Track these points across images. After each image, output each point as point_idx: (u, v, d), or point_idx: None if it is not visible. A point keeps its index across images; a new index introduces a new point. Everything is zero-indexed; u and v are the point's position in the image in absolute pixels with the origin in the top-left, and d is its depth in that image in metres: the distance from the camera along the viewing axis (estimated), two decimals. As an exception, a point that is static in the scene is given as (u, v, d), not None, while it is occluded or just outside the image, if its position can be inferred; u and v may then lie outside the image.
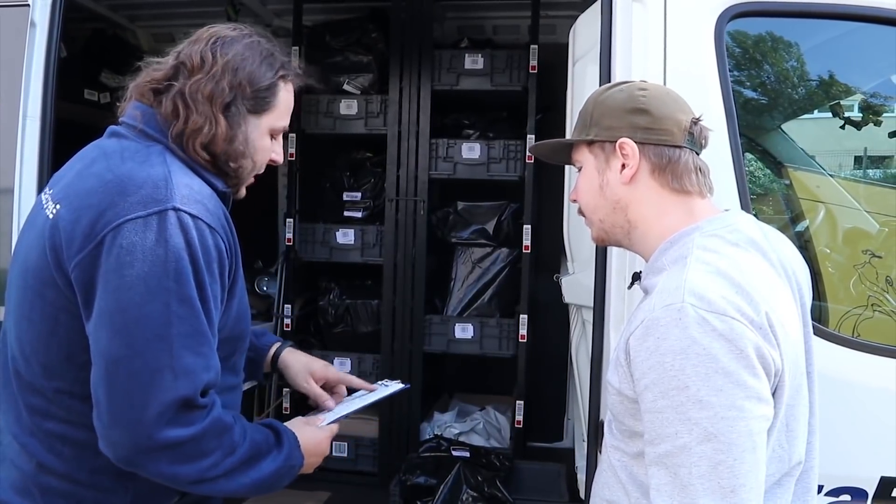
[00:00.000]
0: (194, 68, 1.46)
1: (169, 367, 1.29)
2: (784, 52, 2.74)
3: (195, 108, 1.44)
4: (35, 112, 2.32)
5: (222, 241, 1.41)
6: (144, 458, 1.31)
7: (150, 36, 4.62)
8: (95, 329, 1.32)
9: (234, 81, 1.46)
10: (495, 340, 3.72)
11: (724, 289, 1.24)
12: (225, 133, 1.46)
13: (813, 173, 2.94)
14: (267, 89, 1.51)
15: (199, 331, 1.34)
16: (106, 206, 1.34)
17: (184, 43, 1.54)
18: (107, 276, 1.31)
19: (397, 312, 3.75)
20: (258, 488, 1.47)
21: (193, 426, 1.32)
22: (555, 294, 4.07)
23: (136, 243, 1.31)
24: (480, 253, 3.83)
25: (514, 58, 3.66)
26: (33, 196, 2.29)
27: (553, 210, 3.84)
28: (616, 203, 1.45)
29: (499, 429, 3.89)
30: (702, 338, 1.19)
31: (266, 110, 1.53)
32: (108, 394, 1.30)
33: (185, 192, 1.36)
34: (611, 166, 1.44)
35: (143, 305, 1.30)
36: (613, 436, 1.45)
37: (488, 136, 3.77)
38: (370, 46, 3.80)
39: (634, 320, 1.32)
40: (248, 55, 1.49)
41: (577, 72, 2.50)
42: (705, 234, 1.36)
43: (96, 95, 4.03)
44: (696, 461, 1.18)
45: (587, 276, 2.12)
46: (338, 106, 3.77)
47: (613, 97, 1.45)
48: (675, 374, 1.20)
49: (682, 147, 1.40)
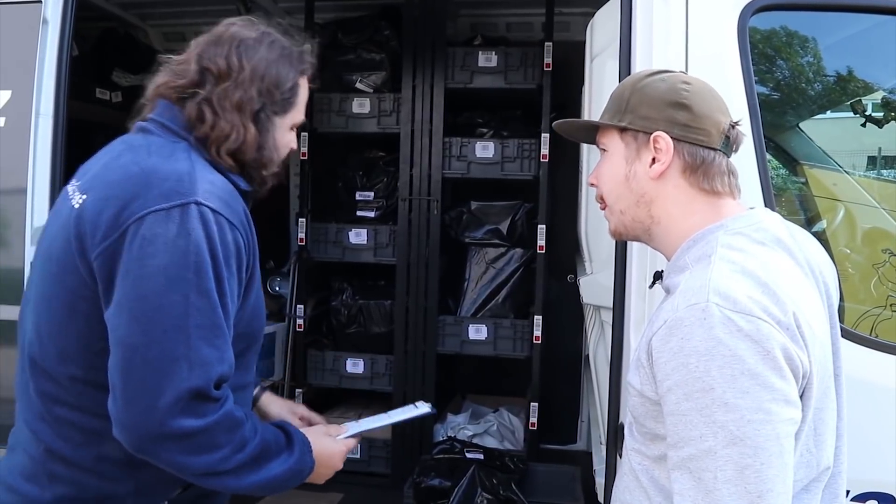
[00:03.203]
0: (221, 75, 1.48)
1: (185, 357, 1.32)
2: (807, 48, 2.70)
3: (223, 115, 1.48)
4: (48, 110, 2.30)
5: (241, 238, 1.43)
6: (156, 445, 1.33)
7: (161, 35, 4.62)
8: (115, 316, 1.35)
9: (262, 88, 1.50)
10: (509, 341, 3.68)
11: (750, 288, 1.20)
12: (255, 140, 1.50)
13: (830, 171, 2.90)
14: (290, 89, 1.55)
15: (215, 323, 1.36)
16: (130, 198, 1.37)
17: (202, 42, 1.54)
18: (128, 266, 1.34)
19: (410, 313, 3.72)
20: (265, 488, 1.48)
21: (205, 417, 1.34)
22: (568, 295, 4.07)
23: (159, 234, 1.34)
24: (494, 253, 3.80)
25: (528, 55, 3.62)
26: (46, 194, 2.27)
27: (567, 210, 3.81)
28: (641, 197, 1.40)
29: (512, 431, 3.86)
30: (727, 338, 1.15)
31: (290, 109, 1.57)
32: (124, 379, 1.32)
33: (207, 188, 1.39)
34: (641, 158, 1.38)
35: (162, 295, 1.33)
36: (634, 438, 1.42)
37: (502, 134, 3.74)
38: (382, 44, 3.77)
39: (657, 320, 1.28)
40: (272, 58, 1.52)
41: (595, 68, 2.46)
42: (730, 232, 1.32)
43: (108, 94, 4.02)
44: (722, 465, 1.14)
45: (606, 276, 2.09)
46: (350, 104, 3.75)
47: (654, 86, 1.38)
48: (700, 376, 1.16)
49: (717, 150, 1.35)
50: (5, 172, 2.28)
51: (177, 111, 1.49)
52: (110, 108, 4.07)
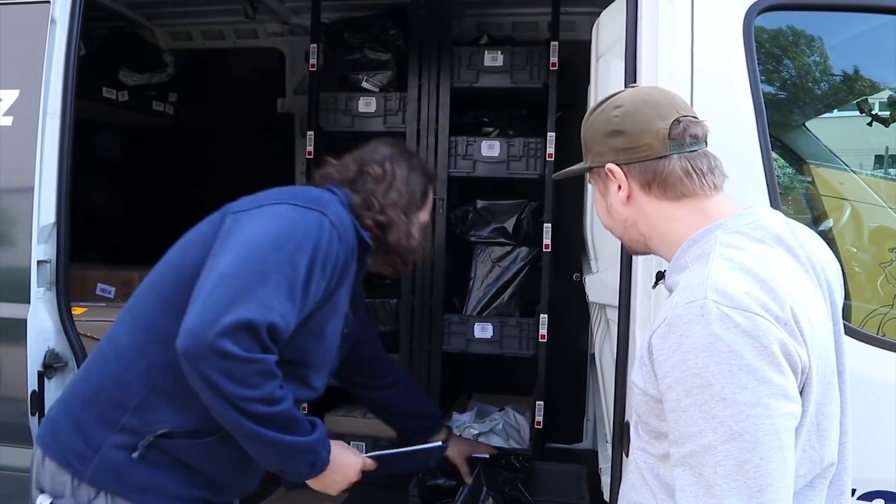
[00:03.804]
0: (377, 177, 1.98)
1: (256, 297, 1.59)
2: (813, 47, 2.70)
3: (385, 209, 1.95)
4: (55, 109, 2.32)
5: (342, 256, 1.76)
6: (203, 354, 1.54)
7: (167, 34, 4.65)
8: (220, 255, 1.67)
9: (406, 190, 2.00)
10: (515, 340, 3.67)
11: (748, 285, 1.22)
12: (402, 230, 1.97)
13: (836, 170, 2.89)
14: (423, 194, 2.06)
15: (291, 290, 1.64)
16: (277, 197, 1.82)
17: (360, 153, 2.07)
18: (253, 219, 1.74)
19: (416, 311, 3.71)
20: (275, 451, 1.67)
21: (247, 351, 1.56)
22: (574, 294, 4.05)
23: (285, 214, 1.74)
24: (500, 252, 3.79)
25: (534, 54, 3.61)
26: (53, 193, 2.28)
27: (573, 209, 3.80)
28: (625, 221, 1.47)
29: (518, 429, 3.85)
30: (725, 334, 1.17)
31: (423, 208, 2.07)
32: (206, 294, 1.60)
33: (336, 211, 1.79)
34: (609, 190, 1.46)
35: (264, 249, 1.66)
36: (639, 437, 1.43)
37: (508, 133, 3.72)
38: (388, 43, 3.76)
39: (657, 318, 1.30)
40: (412, 167, 2.04)
41: (600, 68, 2.46)
42: (728, 230, 1.34)
43: (115, 93, 4.06)
44: (722, 460, 1.16)
45: (611, 275, 2.09)
46: (356, 103, 3.73)
47: (595, 121, 1.48)
48: (699, 372, 1.18)
49: (666, 156, 1.38)
50: (13, 171, 2.29)
51: (349, 193, 1.95)
52: (117, 107, 4.10)
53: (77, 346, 2.30)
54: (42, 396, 2.21)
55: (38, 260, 2.27)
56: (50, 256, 2.30)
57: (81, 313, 2.72)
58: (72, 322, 2.31)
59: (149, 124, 4.56)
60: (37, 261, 2.26)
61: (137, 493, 1.71)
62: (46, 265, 2.29)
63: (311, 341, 1.79)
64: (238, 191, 1.95)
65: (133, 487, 1.71)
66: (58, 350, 2.27)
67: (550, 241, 3.62)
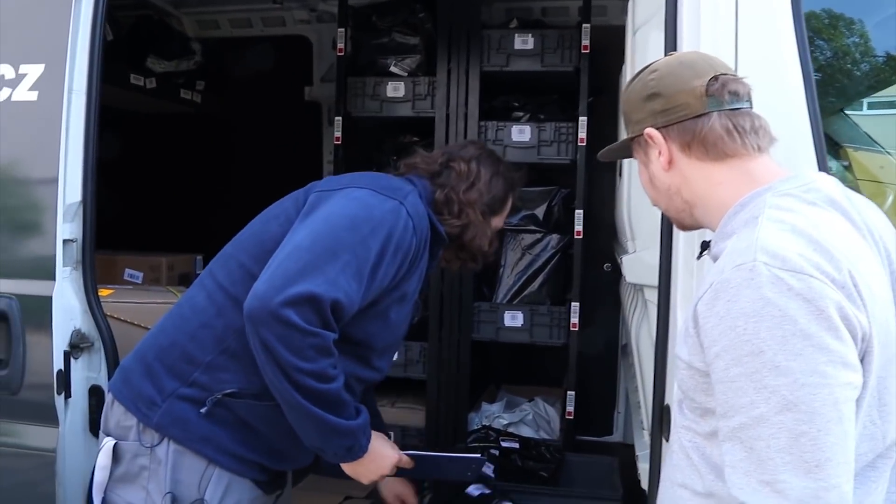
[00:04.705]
0: (461, 174, 2.01)
1: (324, 272, 1.64)
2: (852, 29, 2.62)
3: (464, 207, 1.99)
4: (81, 87, 2.27)
5: (414, 245, 1.81)
6: (265, 318, 1.59)
7: (195, 23, 4.65)
8: (299, 229, 1.75)
9: (488, 191, 2.03)
10: (546, 329, 3.61)
11: (801, 246, 1.14)
12: (479, 229, 2.01)
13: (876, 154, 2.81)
14: (503, 200, 2.09)
15: (359, 270, 1.69)
16: (356, 179, 1.89)
17: (451, 147, 2.19)
18: (334, 199, 1.80)
19: (445, 299, 3.66)
20: (315, 429, 1.71)
21: (308, 323, 1.61)
22: (604, 285, 4.00)
23: (365, 198, 1.79)
24: (530, 239, 3.73)
25: (565, 37, 3.54)
26: (79, 171, 2.24)
27: (604, 197, 3.74)
28: (668, 190, 1.42)
29: (548, 420, 3.79)
30: (777, 298, 1.09)
31: (498, 214, 2.10)
32: (277, 263, 1.66)
33: (413, 203, 1.85)
34: (650, 158, 1.42)
35: (340, 228, 1.72)
36: (684, 415, 1.36)
37: (539, 118, 3.66)
38: (417, 27, 3.72)
39: (703, 285, 1.23)
40: (497, 171, 2.07)
41: (637, 41, 2.38)
42: (778, 193, 1.26)
43: (142, 80, 4.05)
44: (775, 433, 1.08)
45: (650, 254, 2.02)
46: (384, 88, 3.70)
47: (632, 90, 1.45)
48: (749, 339, 1.10)
49: (705, 114, 1.33)
50: (38, 147, 2.25)
51: (428, 185, 2.00)
52: (145, 94, 4.09)
53: (104, 326, 2.26)
54: (68, 376, 2.18)
55: (64, 239, 2.23)
56: (76, 236, 2.25)
57: (108, 294, 2.69)
58: (98, 302, 2.27)
59: (176, 113, 4.55)
60: (63, 239, 2.22)
61: (199, 444, 1.77)
62: (73, 244, 2.25)
63: (375, 325, 1.84)
64: (265, 180, 2.01)
65: (196, 437, 1.77)
66: (84, 330, 2.23)
67: (582, 227, 3.55)
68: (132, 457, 1.80)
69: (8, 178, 2.30)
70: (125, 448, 1.80)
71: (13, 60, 2.29)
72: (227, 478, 1.80)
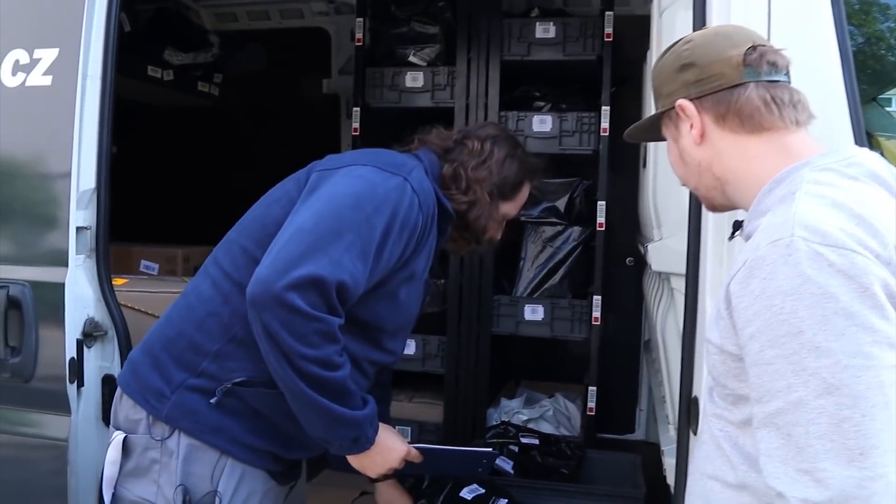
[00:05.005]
0: (473, 152, 1.95)
1: (328, 254, 1.59)
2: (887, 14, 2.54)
3: (472, 183, 1.92)
4: (96, 72, 2.23)
5: (420, 222, 1.74)
6: (268, 303, 1.55)
7: (213, 15, 4.64)
8: (300, 211, 1.70)
9: (499, 172, 1.95)
10: (567, 323, 3.54)
11: (842, 220, 1.08)
12: (486, 207, 1.94)
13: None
14: (516, 185, 2.01)
15: (364, 250, 1.64)
16: (363, 157, 1.82)
17: (471, 126, 2.16)
18: (336, 178, 1.74)
19: (464, 292, 3.61)
20: (319, 419, 1.66)
21: (312, 308, 1.56)
22: (626, 280, 3.93)
23: (367, 175, 1.73)
24: (551, 231, 3.67)
25: (587, 26, 3.48)
26: (93, 158, 2.20)
27: (626, 189, 3.66)
28: (698, 166, 1.36)
29: (569, 417, 3.72)
30: (817, 275, 1.03)
31: (510, 199, 2.01)
32: (279, 246, 1.62)
33: (418, 178, 1.78)
34: (681, 132, 1.36)
35: (344, 208, 1.66)
36: (715, 403, 1.29)
37: (560, 108, 3.60)
38: (437, 16, 3.66)
39: (736, 263, 1.17)
40: (513, 154, 1.99)
41: (664, 22, 2.31)
42: (816, 168, 1.20)
43: (160, 72, 4.03)
44: (815, 418, 1.02)
45: (677, 241, 1.95)
46: (403, 78, 3.65)
47: (664, 62, 1.39)
48: (786, 318, 1.04)
49: (741, 84, 1.27)
50: (52, 132, 2.22)
51: (436, 160, 1.94)
52: (162, 86, 4.08)
53: (117, 315, 2.23)
54: (81, 365, 2.14)
55: (78, 226, 2.19)
56: (90, 223, 2.22)
57: (123, 284, 2.66)
58: (112, 291, 2.24)
59: (194, 106, 4.52)
60: (76, 227, 2.19)
61: (210, 435, 1.73)
62: (86, 232, 2.22)
63: (385, 305, 1.79)
64: (282, 173, 1.94)
65: (207, 428, 1.73)
66: (98, 319, 2.20)
67: (605, 219, 3.48)
68: (142, 450, 1.76)
69: (22, 163, 2.28)
70: (135, 442, 1.77)
71: (27, 45, 2.26)
72: (241, 469, 1.77)
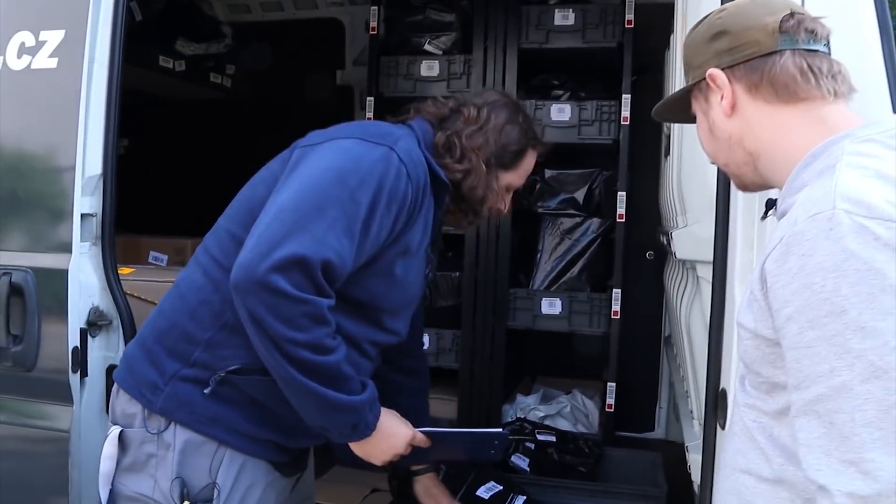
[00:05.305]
0: (469, 119, 1.86)
1: (312, 232, 1.53)
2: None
3: (466, 151, 1.84)
4: (103, 57, 2.18)
5: (410, 193, 1.67)
6: (252, 287, 1.50)
7: (226, 7, 4.59)
8: (282, 189, 1.63)
9: (497, 140, 1.86)
10: (585, 316, 3.47)
11: (889, 192, 1.00)
12: (483, 178, 1.84)
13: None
14: (517, 152, 1.90)
15: (349, 227, 1.57)
16: (349, 131, 1.74)
17: (467, 94, 2.06)
18: (318, 153, 1.67)
19: (479, 285, 3.54)
20: (314, 407, 1.61)
21: (299, 290, 1.51)
22: (646, 274, 3.85)
23: (350, 148, 1.66)
24: (569, 223, 3.59)
25: (608, 12, 3.40)
26: (100, 144, 2.15)
27: (647, 181, 3.58)
28: (728, 140, 1.28)
29: (586, 414, 3.64)
30: (862, 249, 0.96)
31: (511, 169, 1.91)
32: (261, 229, 1.56)
33: (406, 147, 1.70)
34: (711, 104, 1.29)
35: (326, 183, 1.60)
36: (747, 393, 1.21)
37: (580, 96, 3.52)
38: (453, 3, 3.59)
39: (771, 240, 1.09)
40: (512, 122, 1.89)
41: (689, 4, 2.23)
42: (858, 139, 1.12)
43: (171, 63, 3.99)
44: (861, 404, 0.94)
45: (703, 227, 1.87)
46: (418, 67, 3.58)
47: (696, 33, 1.32)
48: (828, 297, 0.97)
49: (777, 52, 1.20)
50: (57, 116, 2.16)
51: (429, 129, 1.86)
52: (174, 77, 4.04)
53: (123, 304, 2.18)
54: (84, 354, 2.10)
55: (83, 213, 2.14)
56: (95, 210, 2.17)
57: (129, 273, 2.61)
58: (118, 280, 2.19)
59: (206, 97, 4.48)
60: (80, 213, 2.14)
61: (207, 425, 1.69)
62: (92, 219, 2.17)
63: (380, 283, 1.73)
64: None
65: (203, 419, 1.69)
66: (102, 308, 2.15)
67: (625, 211, 3.40)
68: (139, 444, 1.72)
69: (26, 147, 2.24)
70: (131, 436, 1.73)
71: (33, 27, 2.21)
72: (241, 459, 1.72)
